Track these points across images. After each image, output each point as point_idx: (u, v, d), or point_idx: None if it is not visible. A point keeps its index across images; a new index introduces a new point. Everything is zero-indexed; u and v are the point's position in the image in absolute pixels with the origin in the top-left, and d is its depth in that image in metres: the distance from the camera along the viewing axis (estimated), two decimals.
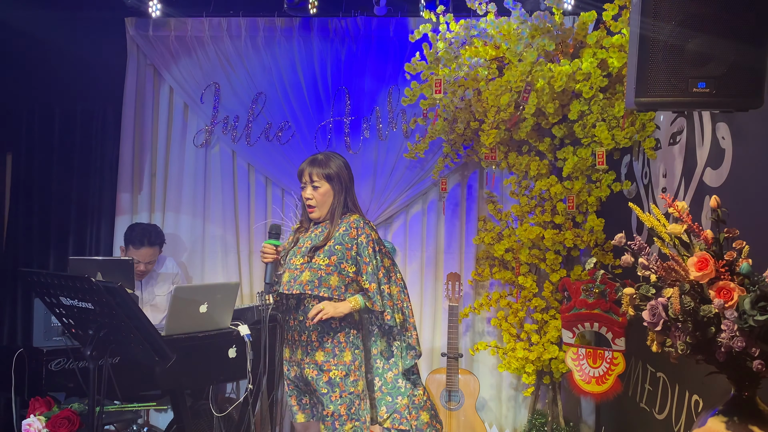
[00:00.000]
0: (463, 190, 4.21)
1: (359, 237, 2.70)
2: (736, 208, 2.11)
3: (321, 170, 2.71)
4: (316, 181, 2.71)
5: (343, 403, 2.67)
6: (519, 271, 3.84)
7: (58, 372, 2.80)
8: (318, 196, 2.72)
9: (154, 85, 4.38)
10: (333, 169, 2.72)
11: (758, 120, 2.15)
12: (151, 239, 3.69)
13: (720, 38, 1.86)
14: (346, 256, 2.68)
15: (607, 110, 3.48)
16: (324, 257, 2.68)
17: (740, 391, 1.75)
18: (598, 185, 3.67)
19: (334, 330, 2.71)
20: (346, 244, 2.69)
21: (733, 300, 1.64)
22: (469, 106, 3.73)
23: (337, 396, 2.68)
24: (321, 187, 2.72)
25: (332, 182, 2.73)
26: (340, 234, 2.71)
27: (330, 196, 2.73)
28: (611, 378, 3.26)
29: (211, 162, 4.34)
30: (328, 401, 2.68)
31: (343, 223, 2.73)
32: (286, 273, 2.76)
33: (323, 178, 2.71)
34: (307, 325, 2.68)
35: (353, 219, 2.74)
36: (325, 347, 2.71)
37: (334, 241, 2.70)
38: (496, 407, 4.18)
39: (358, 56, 4.22)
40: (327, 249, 2.69)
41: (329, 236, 2.71)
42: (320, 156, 2.78)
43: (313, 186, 2.72)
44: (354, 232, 2.70)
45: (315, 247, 2.71)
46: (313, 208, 2.75)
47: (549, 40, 3.45)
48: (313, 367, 2.72)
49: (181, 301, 3.03)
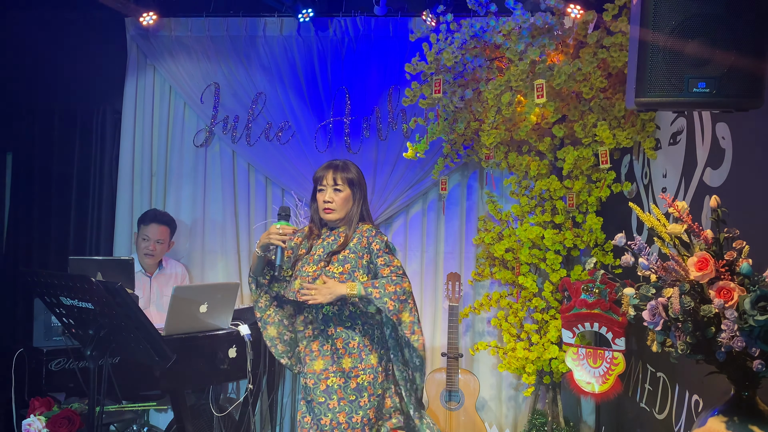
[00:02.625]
0: (463, 190, 4.21)
1: (371, 245, 2.70)
2: (736, 208, 2.11)
3: (345, 175, 2.74)
4: (340, 185, 2.73)
5: (371, 406, 2.67)
6: (519, 271, 3.84)
7: (58, 372, 2.80)
8: (339, 199, 2.73)
9: (154, 85, 4.38)
10: (355, 174, 2.77)
11: (758, 120, 2.14)
12: (158, 217, 3.90)
13: (720, 38, 1.86)
14: (358, 265, 2.68)
15: (607, 110, 3.48)
16: (338, 266, 2.68)
17: (740, 391, 1.75)
18: (598, 185, 3.67)
19: (358, 335, 2.70)
20: (359, 253, 2.69)
21: (733, 300, 1.64)
22: (469, 106, 3.73)
23: (366, 401, 2.66)
24: (343, 192, 2.73)
25: (354, 188, 2.76)
26: (353, 243, 2.71)
27: (350, 201, 2.75)
28: (611, 378, 3.26)
29: (210, 162, 4.35)
30: (356, 407, 2.65)
31: (356, 234, 2.74)
32: (298, 280, 2.72)
33: (346, 182, 2.74)
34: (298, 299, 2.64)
35: (365, 228, 2.75)
36: (352, 353, 2.69)
37: (349, 250, 2.70)
38: (496, 407, 4.18)
39: (358, 56, 4.22)
40: (341, 258, 2.68)
41: (347, 242, 2.70)
42: (339, 162, 2.80)
43: (335, 189, 2.73)
44: (365, 241, 2.71)
45: (332, 253, 2.70)
46: (332, 211, 2.73)
47: (549, 39, 3.45)
48: (339, 375, 2.69)
49: (181, 301, 3.03)
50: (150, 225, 3.85)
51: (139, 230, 3.90)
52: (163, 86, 4.37)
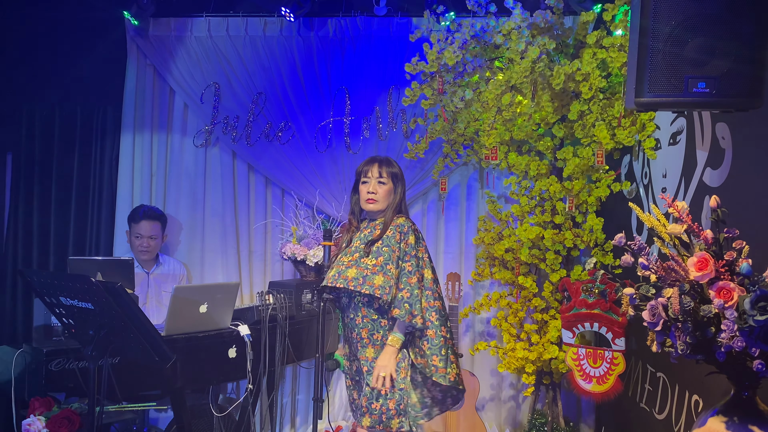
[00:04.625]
0: (463, 190, 4.21)
1: (401, 242, 2.77)
2: (736, 208, 2.11)
3: (389, 169, 2.86)
4: (384, 178, 2.84)
5: (392, 398, 2.73)
6: (519, 271, 3.84)
7: (58, 372, 2.80)
8: (382, 191, 2.84)
9: (154, 85, 4.38)
10: (398, 170, 2.89)
11: (758, 120, 2.14)
12: (148, 213, 3.94)
13: (720, 38, 1.86)
14: (391, 258, 2.74)
15: (607, 110, 3.48)
16: (372, 257, 2.76)
17: (740, 391, 1.75)
18: (598, 185, 3.67)
19: (384, 328, 2.78)
20: (393, 247, 2.76)
21: (733, 300, 1.64)
22: (469, 106, 3.73)
23: (387, 390, 2.73)
24: (387, 184, 2.84)
25: (396, 181, 2.87)
26: (389, 235, 2.79)
27: (392, 194, 2.86)
28: (611, 378, 3.26)
29: (211, 162, 4.35)
30: (377, 394, 2.74)
31: (392, 226, 2.81)
32: (333, 268, 2.83)
33: (390, 176, 2.85)
34: (381, 391, 2.73)
35: (400, 222, 2.82)
36: (375, 344, 2.78)
37: (382, 242, 2.77)
38: (496, 407, 4.18)
39: (358, 56, 4.22)
40: (375, 250, 2.77)
41: (384, 232, 2.79)
42: (382, 157, 2.93)
43: (379, 182, 2.84)
44: (399, 236, 2.78)
45: (370, 242, 2.79)
46: (375, 201, 2.84)
47: (549, 39, 3.45)
48: (364, 363, 2.80)
49: (181, 301, 3.02)
50: (141, 222, 3.90)
51: (131, 228, 3.94)
52: (163, 86, 4.37)
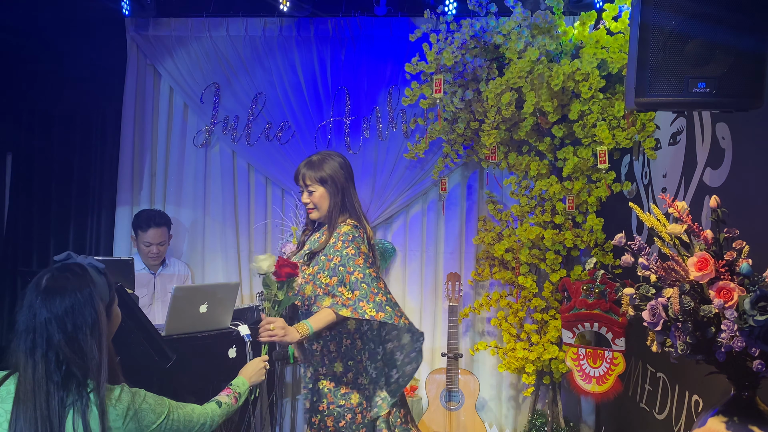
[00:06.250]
0: (463, 190, 4.21)
1: (345, 249, 2.56)
2: (736, 208, 2.11)
3: (314, 174, 2.63)
4: (310, 185, 2.64)
5: (329, 415, 2.61)
6: (519, 271, 3.84)
7: None
8: (315, 199, 2.65)
9: (154, 85, 4.38)
10: (326, 171, 2.63)
11: (758, 120, 2.14)
12: (156, 220, 3.87)
13: (720, 38, 1.86)
14: (325, 267, 2.58)
15: (607, 110, 3.48)
16: (311, 266, 2.62)
17: (740, 391, 1.75)
18: (598, 185, 3.67)
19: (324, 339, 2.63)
20: (329, 255, 2.59)
21: (733, 300, 1.64)
22: (469, 106, 3.73)
23: (325, 407, 2.62)
24: (316, 191, 2.64)
25: (326, 185, 2.63)
26: (330, 243, 2.61)
27: (326, 198, 2.64)
28: (611, 378, 3.26)
29: (211, 162, 4.35)
30: (316, 409, 2.63)
31: (335, 233, 2.63)
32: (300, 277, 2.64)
33: (317, 181, 2.63)
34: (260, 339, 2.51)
35: (344, 231, 2.61)
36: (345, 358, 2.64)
37: (322, 251, 2.61)
38: (496, 407, 4.18)
39: (358, 56, 4.22)
40: (315, 258, 2.62)
41: (326, 241, 2.62)
42: (315, 157, 2.69)
43: (308, 190, 2.65)
44: (340, 245, 2.58)
45: (312, 253, 2.64)
46: (312, 209, 2.68)
47: (549, 39, 3.45)
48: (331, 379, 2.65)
49: (181, 301, 3.02)
50: (149, 231, 3.83)
51: (138, 236, 3.88)
52: (163, 86, 4.37)
